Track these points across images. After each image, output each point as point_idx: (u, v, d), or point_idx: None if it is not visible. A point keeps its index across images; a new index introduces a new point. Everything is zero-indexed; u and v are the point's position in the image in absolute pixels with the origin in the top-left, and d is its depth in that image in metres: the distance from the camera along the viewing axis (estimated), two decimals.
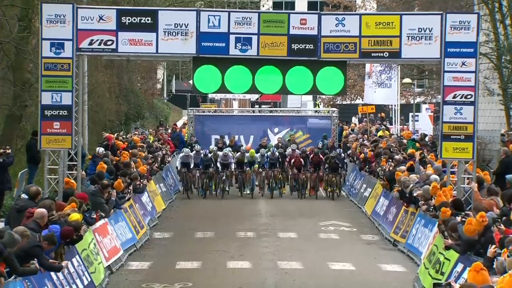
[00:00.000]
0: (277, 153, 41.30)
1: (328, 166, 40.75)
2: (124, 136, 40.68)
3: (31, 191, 22.12)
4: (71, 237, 20.75)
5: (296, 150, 41.70)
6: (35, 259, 19.33)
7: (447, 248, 21.02)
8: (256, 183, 41.84)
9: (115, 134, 39.87)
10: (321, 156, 41.16)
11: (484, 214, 19.13)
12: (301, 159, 41.20)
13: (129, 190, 29.32)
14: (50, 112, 25.93)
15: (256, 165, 41.37)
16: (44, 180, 26.71)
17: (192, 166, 40.77)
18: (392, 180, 32.55)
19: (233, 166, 41.03)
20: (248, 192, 41.43)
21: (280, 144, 43.38)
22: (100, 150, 32.29)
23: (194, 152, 41.21)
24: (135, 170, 31.44)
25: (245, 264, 24.77)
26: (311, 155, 41.65)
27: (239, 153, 41.52)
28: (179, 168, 40.89)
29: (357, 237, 26.44)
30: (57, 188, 26.06)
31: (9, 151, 27.07)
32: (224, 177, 40.90)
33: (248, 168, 41.35)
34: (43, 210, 20.06)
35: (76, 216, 21.50)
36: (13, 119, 32.93)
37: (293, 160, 41.27)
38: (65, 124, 25.99)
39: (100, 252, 24.51)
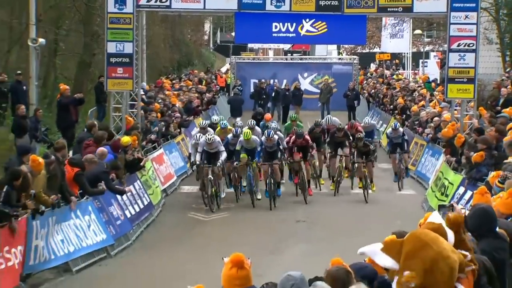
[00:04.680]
0: (276, 137, 24.05)
1: (355, 150, 25.38)
2: (178, 80, 40.76)
3: (88, 124, 23.31)
4: (119, 147, 21.09)
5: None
6: (102, 182, 19.57)
7: None
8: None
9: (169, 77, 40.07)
10: (307, 137, 25.14)
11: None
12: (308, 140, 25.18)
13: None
14: (114, 59, 26.09)
15: (244, 154, 24.21)
16: (109, 117, 26.88)
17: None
18: (406, 115, 32.76)
19: (223, 156, 23.77)
20: (259, 197, 24.49)
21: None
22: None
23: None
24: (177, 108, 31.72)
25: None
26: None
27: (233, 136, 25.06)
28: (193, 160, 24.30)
29: (375, 165, 26.43)
30: (120, 124, 26.24)
31: (81, 95, 27.27)
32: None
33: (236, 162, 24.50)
34: (103, 149, 20.32)
35: (126, 139, 22.27)
36: (83, 65, 33.09)
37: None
38: (127, 70, 26.14)
39: (157, 177, 24.72)
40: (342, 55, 51.05)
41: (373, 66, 52.17)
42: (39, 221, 16.82)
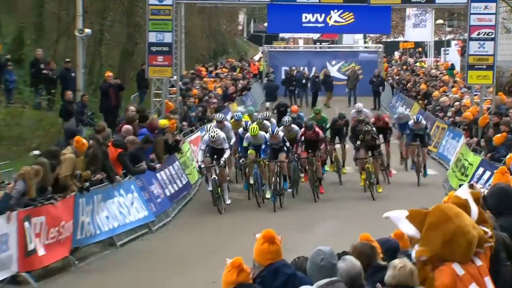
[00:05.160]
0: (281, 134, 21.47)
1: (362, 143, 22.90)
2: (214, 68, 40.76)
3: (126, 109, 23.30)
4: (155, 128, 21.54)
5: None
6: (143, 161, 19.62)
7: None
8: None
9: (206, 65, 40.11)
10: (317, 130, 22.52)
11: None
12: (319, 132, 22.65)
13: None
14: (155, 48, 26.09)
15: (252, 151, 21.94)
16: (150, 102, 26.92)
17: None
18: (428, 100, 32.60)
19: (227, 154, 21.50)
20: (268, 196, 21.66)
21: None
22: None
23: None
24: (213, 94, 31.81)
25: None
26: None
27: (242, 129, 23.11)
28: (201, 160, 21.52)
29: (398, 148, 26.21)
30: (160, 108, 26.27)
31: (117, 81, 27.36)
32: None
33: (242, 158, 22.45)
34: (128, 126, 20.47)
35: (163, 122, 22.53)
36: (126, 54, 33.14)
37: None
38: (167, 58, 26.14)
39: (194, 158, 24.73)
40: (368, 43, 50.76)
41: (397, 54, 51.88)
42: (85, 199, 16.93)
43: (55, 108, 26.52)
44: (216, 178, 20.97)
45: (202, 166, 21.23)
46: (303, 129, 22.53)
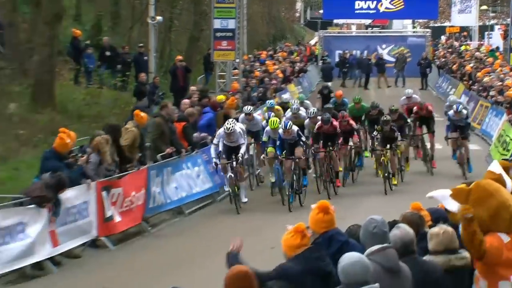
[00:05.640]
0: (295, 128, 18.31)
1: (379, 134, 20.05)
2: (273, 52, 40.65)
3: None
4: (217, 106, 21.54)
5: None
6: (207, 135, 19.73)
7: None
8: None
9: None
10: (335, 124, 19.59)
11: None
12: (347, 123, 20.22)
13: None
14: (219, 34, 26.23)
15: (271, 148, 18.86)
16: (215, 83, 26.99)
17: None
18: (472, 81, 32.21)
19: (243, 149, 18.24)
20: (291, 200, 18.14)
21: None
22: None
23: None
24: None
25: None
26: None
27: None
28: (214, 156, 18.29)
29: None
30: (224, 89, 26.33)
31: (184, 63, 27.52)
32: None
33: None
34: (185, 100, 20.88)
35: (220, 97, 22.59)
36: (193, 40, 33.20)
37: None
38: (230, 43, 26.26)
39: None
40: (416, 28, 50.17)
41: (443, 38, 51.32)
42: (156, 171, 17.08)
43: (129, 89, 26.75)
44: (233, 176, 18.00)
45: (218, 163, 18.01)
46: (319, 123, 19.41)
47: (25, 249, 13.63)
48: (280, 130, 18.36)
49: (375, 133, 20.31)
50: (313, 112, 20.43)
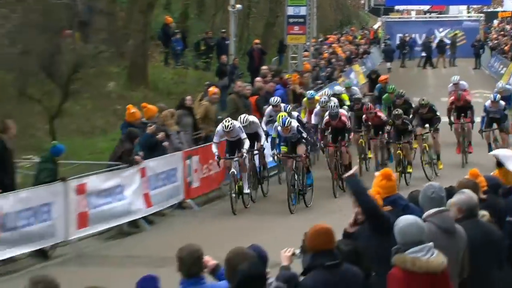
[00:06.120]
0: (294, 125, 15.64)
1: (392, 128, 17.53)
2: (340, 35, 40.36)
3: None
4: (286, 84, 21.56)
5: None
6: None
7: None
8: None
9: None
10: (343, 119, 17.02)
11: None
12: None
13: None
14: (292, 20, 26.23)
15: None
16: (288, 64, 26.96)
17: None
18: None
19: (246, 145, 15.61)
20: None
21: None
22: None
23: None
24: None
25: None
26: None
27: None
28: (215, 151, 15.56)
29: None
30: (296, 69, 26.29)
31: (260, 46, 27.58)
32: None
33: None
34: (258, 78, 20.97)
35: (288, 75, 22.60)
36: (269, 25, 33.09)
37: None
38: (301, 28, 26.25)
39: None
40: (470, 13, 49.18)
41: (495, 22, 50.25)
42: None
43: (212, 69, 26.93)
44: (235, 172, 15.36)
45: (221, 158, 15.48)
46: (327, 117, 16.93)
47: (123, 208, 13.94)
48: (279, 128, 15.64)
49: (388, 127, 17.61)
50: (324, 102, 17.74)
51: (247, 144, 15.49)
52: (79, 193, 13.25)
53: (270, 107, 17.77)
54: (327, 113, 17.04)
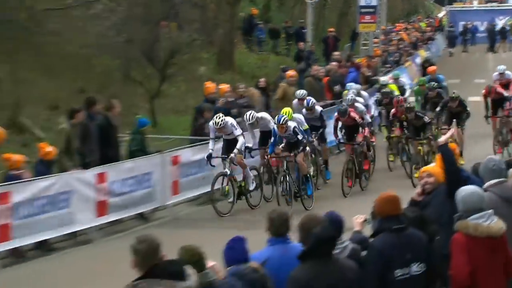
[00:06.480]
0: (291, 124, 13.08)
1: (409, 124, 15.01)
2: (407, 23, 39.67)
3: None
4: (359, 67, 21.16)
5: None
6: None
7: None
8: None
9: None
10: (353, 115, 14.54)
11: None
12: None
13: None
14: (364, 10, 26.22)
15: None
16: (359, 49, 26.75)
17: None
18: None
19: (240, 143, 13.26)
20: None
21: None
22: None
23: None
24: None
25: None
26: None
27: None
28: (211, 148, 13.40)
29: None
30: (367, 54, 26.03)
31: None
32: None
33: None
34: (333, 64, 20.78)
35: (359, 59, 22.31)
36: (342, 15, 32.66)
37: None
38: (372, 17, 26.16)
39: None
40: None
41: None
42: None
43: (291, 55, 26.97)
44: (228, 172, 13.06)
45: (214, 155, 13.25)
46: (336, 114, 14.64)
47: (210, 177, 13.85)
48: (275, 126, 13.19)
49: (404, 123, 15.06)
50: (350, 99, 15.18)
51: (240, 142, 13.06)
52: (173, 164, 13.47)
53: (296, 100, 15.26)
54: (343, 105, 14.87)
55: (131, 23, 19.57)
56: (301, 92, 15.69)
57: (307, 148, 13.74)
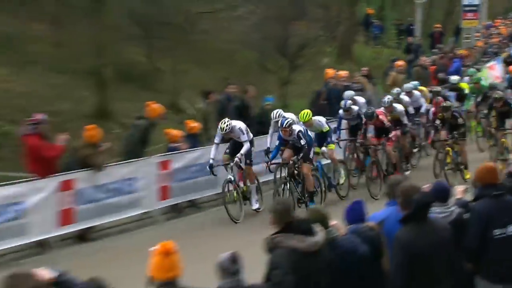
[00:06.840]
0: (295, 128, 10.19)
1: (445, 122, 12.10)
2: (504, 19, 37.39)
3: None
4: (463, 57, 20.35)
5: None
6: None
7: None
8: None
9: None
10: (381, 118, 12.01)
11: None
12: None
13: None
14: (467, 8, 25.70)
15: (331, 145, 11.24)
16: (461, 43, 25.67)
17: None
18: None
19: (244, 149, 10.61)
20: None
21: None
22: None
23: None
24: None
25: None
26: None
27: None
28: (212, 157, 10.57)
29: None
30: (469, 46, 25.00)
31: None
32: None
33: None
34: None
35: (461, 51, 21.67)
36: (448, 13, 31.08)
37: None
38: (475, 14, 25.72)
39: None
40: None
41: None
42: None
43: (401, 48, 26.38)
44: (232, 179, 10.59)
45: (215, 165, 10.64)
46: (363, 118, 12.02)
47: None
48: (279, 129, 10.54)
49: (437, 121, 12.51)
50: (388, 101, 12.62)
51: (245, 148, 10.55)
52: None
53: (342, 110, 12.09)
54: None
55: (267, 22, 19.88)
56: (347, 102, 12.20)
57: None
